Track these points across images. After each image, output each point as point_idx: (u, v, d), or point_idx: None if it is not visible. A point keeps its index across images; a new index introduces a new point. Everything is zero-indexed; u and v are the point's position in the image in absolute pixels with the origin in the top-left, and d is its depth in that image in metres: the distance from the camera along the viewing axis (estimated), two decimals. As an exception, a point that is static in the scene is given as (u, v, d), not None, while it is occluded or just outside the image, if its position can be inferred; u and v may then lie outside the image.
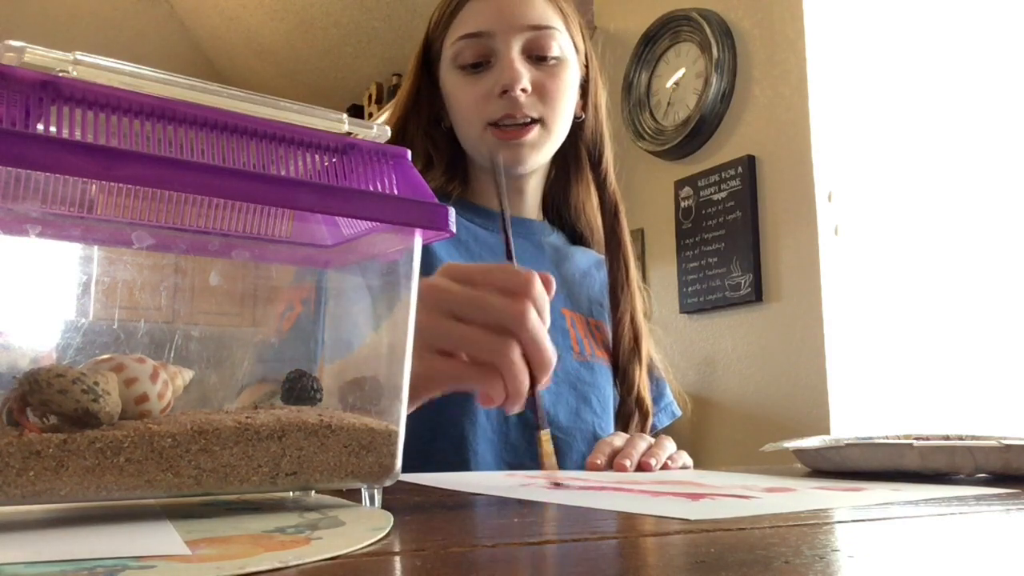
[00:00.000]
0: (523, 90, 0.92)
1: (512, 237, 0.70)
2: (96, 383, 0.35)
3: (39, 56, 0.35)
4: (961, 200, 2.28)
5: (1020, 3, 2.30)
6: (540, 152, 0.97)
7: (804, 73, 2.08)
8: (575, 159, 1.07)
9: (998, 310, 2.27)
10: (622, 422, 0.98)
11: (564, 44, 0.96)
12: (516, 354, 0.51)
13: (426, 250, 0.90)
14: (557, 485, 0.57)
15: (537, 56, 0.94)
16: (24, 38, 0.35)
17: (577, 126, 1.03)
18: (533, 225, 1.04)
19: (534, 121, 0.94)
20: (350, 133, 0.43)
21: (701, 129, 2.33)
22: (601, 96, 1.05)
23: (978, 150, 2.32)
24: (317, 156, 0.42)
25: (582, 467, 0.90)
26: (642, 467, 0.74)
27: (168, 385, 0.39)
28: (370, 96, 4.05)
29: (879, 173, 2.15)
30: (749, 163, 2.21)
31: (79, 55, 0.35)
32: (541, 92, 0.94)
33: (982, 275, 2.27)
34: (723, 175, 2.28)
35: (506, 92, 0.92)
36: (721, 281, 2.26)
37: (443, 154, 1.01)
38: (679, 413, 1.09)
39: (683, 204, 2.41)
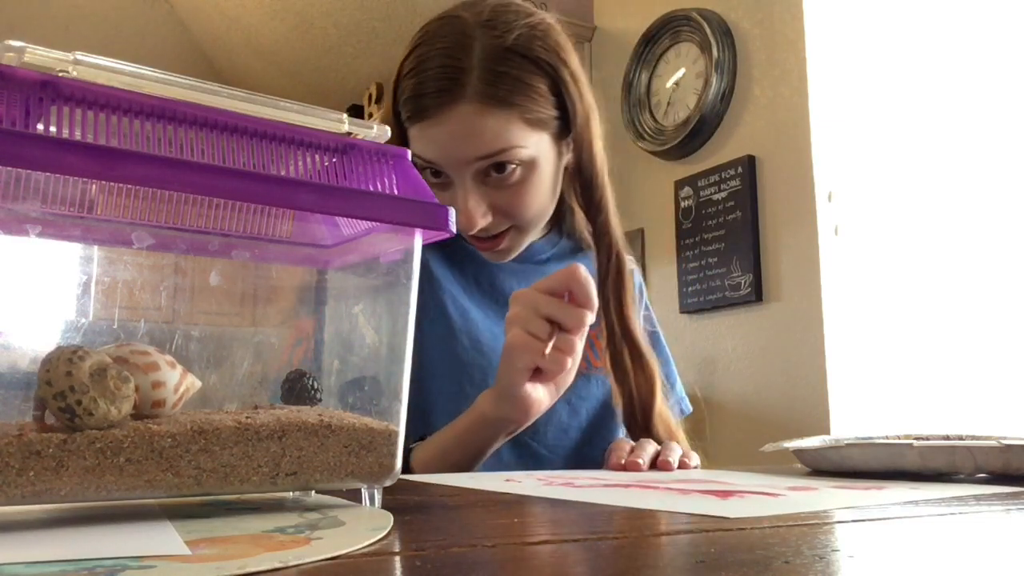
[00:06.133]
0: (483, 224, 0.84)
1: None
2: (80, 401, 0.34)
3: (39, 56, 0.35)
4: (961, 200, 2.28)
5: (1020, 3, 2.30)
6: (522, 244, 0.92)
7: (804, 73, 2.08)
8: (573, 198, 0.96)
9: (998, 310, 2.27)
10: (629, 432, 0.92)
11: (528, 146, 0.83)
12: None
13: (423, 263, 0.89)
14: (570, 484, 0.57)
15: (497, 169, 0.83)
16: (24, 38, 0.35)
17: (572, 174, 0.92)
18: (533, 248, 0.98)
19: (505, 231, 0.87)
20: (350, 133, 0.43)
21: (701, 129, 2.33)
22: (596, 138, 0.90)
23: (978, 150, 2.32)
24: (317, 156, 0.42)
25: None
26: (661, 467, 0.74)
27: (186, 393, 0.39)
28: (370, 96, 4.04)
29: (879, 173, 2.15)
30: (749, 163, 2.21)
31: (79, 55, 0.35)
32: (506, 211, 0.85)
33: (982, 275, 2.27)
34: (723, 175, 2.28)
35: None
36: (721, 281, 2.26)
37: None
38: (689, 410, 1.05)
39: (683, 204, 2.41)
